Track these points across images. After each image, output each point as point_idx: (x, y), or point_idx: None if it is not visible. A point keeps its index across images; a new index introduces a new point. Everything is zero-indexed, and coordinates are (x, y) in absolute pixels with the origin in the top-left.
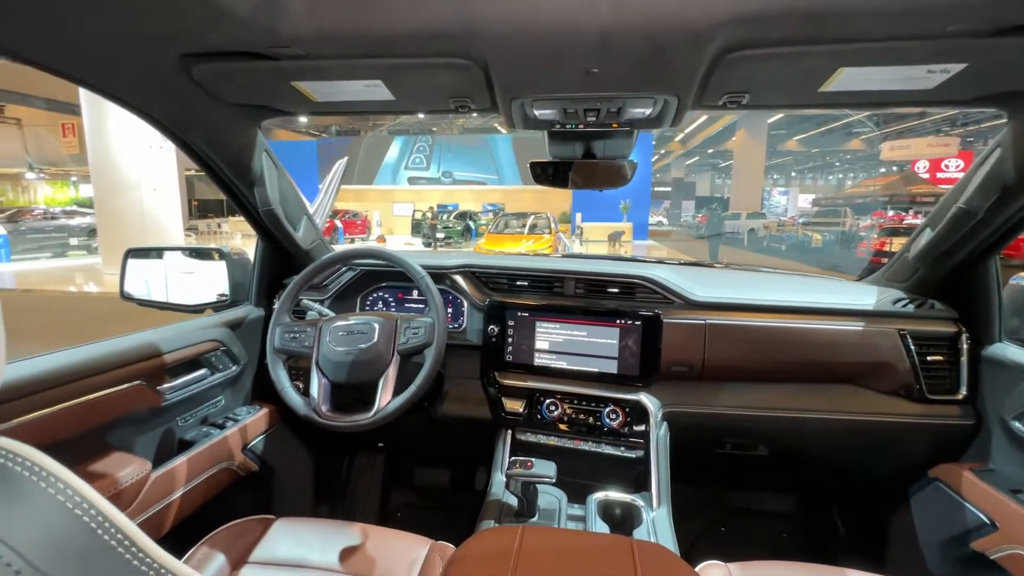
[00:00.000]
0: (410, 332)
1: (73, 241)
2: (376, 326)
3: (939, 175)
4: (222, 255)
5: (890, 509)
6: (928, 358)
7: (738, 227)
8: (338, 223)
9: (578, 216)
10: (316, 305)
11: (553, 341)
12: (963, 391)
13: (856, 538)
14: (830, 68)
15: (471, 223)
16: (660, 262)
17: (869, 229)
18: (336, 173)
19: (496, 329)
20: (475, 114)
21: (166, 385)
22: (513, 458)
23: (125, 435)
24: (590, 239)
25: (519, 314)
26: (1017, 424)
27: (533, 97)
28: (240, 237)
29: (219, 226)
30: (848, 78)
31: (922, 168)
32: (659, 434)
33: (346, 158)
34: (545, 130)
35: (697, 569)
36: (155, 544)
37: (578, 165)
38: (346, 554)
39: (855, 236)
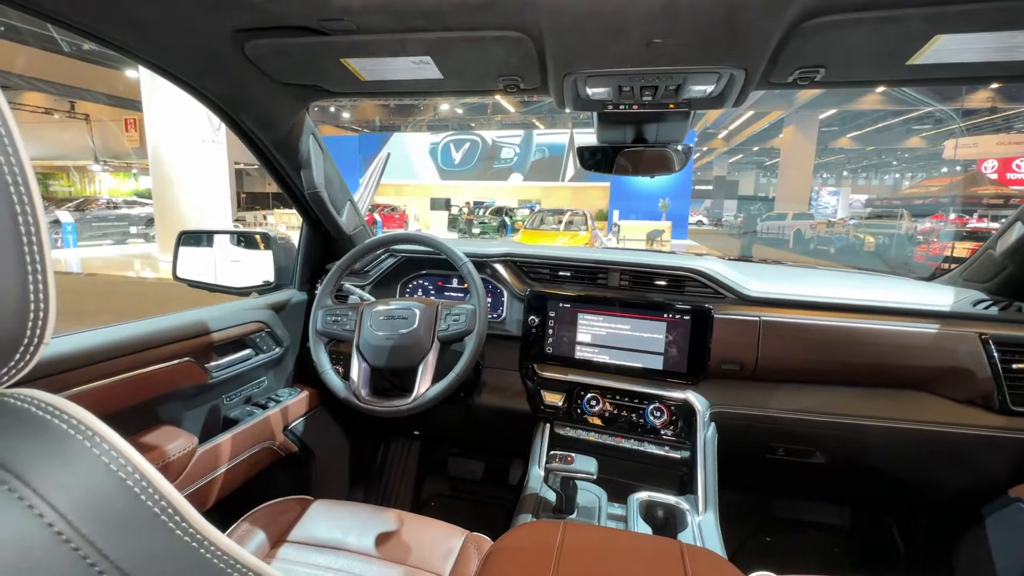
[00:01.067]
0: (451, 319)
1: (133, 230)
2: (417, 311)
3: (1009, 175)
4: (267, 239)
5: (960, 530)
6: (1013, 366)
7: (783, 228)
8: (377, 216)
9: (615, 213)
10: (358, 290)
11: (596, 334)
12: None
13: (918, 557)
14: (924, 35)
15: (507, 219)
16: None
17: (928, 232)
18: (377, 166)
19: (537, 320)
20: (524, 95)
21: (213, 363)
22: (552, 452)
23: (174, 409)
24: (628, 237)
25: (561, 305)
26: None
27: (588, 73)
28: (284, 228)
29: (264, 218)
30: (943, 47)
31: (990, 168)
32: (707, 435)
33: (388, 152)
34: (596, 111)
35: None
36: (199, 515)
37: (628, 150)
38: (382, 539)
39: (913, 239)
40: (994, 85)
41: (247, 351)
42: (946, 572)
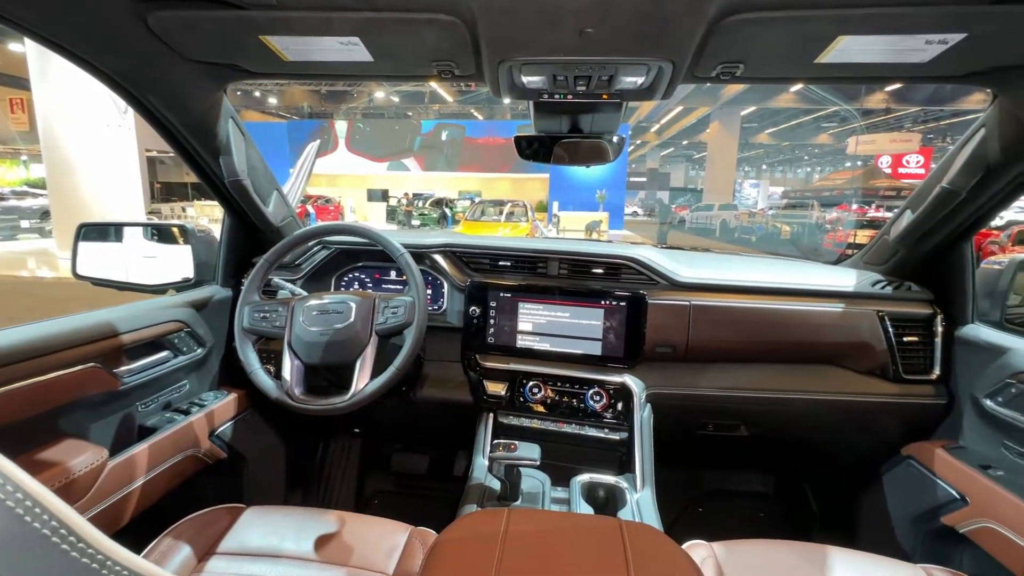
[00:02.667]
0: (389, 312)
1: (24, 223)
2: (353, 305)
3: (900, 170)
4: (186, 232)
5: (863, 487)
6: (904, 339)
7: (711, 218)
8: (310, 208)
9: (555, 205)
10: (288, 284)
11: (536, 322)
12: (937, 371)
13: (830, 515)
14: (829, 35)
15: (447, 210)
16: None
17: (835, 222)
18: (308, 156)
19: (478, 310)
20: (460, 82)
21: (124, 368)
22: (496, 441)
23: (78, 420)
24: (567, 228)
25: (501, 295)
26: (988, 402)
27: (522, 60)
28: (207, 221)
29: (184, 210)
30: (846, 48)
31: (885, 163)
32: (643, 416)
33: (318, 141)
34: (532, 100)
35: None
36: (101, 533)
37: (564, 140)
38: (321, 542)
39: (822, 228)
40: (888, 88)
41: (164, 353)
42: (852, 526)
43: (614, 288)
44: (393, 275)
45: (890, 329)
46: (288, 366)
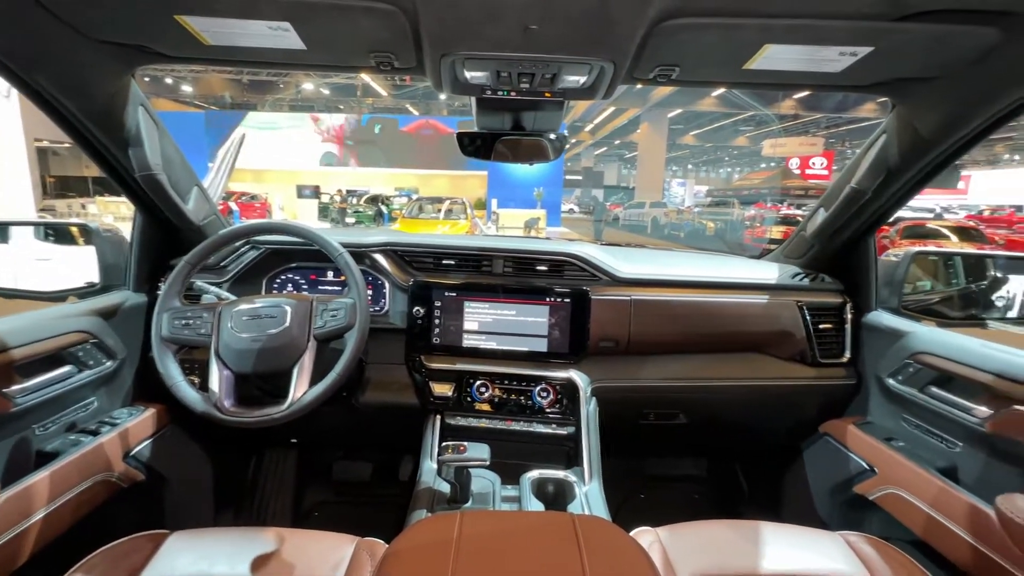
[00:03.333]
0: (328, 315)
1: None
2: (288, 309)
3: (807, 171)
4: (88, 232)
5: (786, 463)
6: (820, 326)
7: (642, 215)
8: (233, 205)
9: (494, 202)
10: (213, 288)
11: (482, 321)
12: (847, 355)
13: (758, 492)
14: (756, 43)
15: (383, 207)
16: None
17: (753, 219)
18: (231, 148)
19: (422, 311)
20: (399, 75)
21: (16, 387)
22: (445, 443)
23: None
24: (506, 225)
25: (446, 294)
26: (890, 381)
27: (465, 55)
28: (112, 220)
29: (83, 207)
30: (771, 56)
31: (794, 165)
32: (589, 410)
33: (244, 131)
34: (474, 96)
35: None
36: None
37: (506, 137)
38: (258, 563)
39: (742, 225)
40: (797, 96)
41: (66, 368)
42: (778, 500)
43: (558, 285)
44: (330, 276)
45: (808, 317)
46: (216, 376)
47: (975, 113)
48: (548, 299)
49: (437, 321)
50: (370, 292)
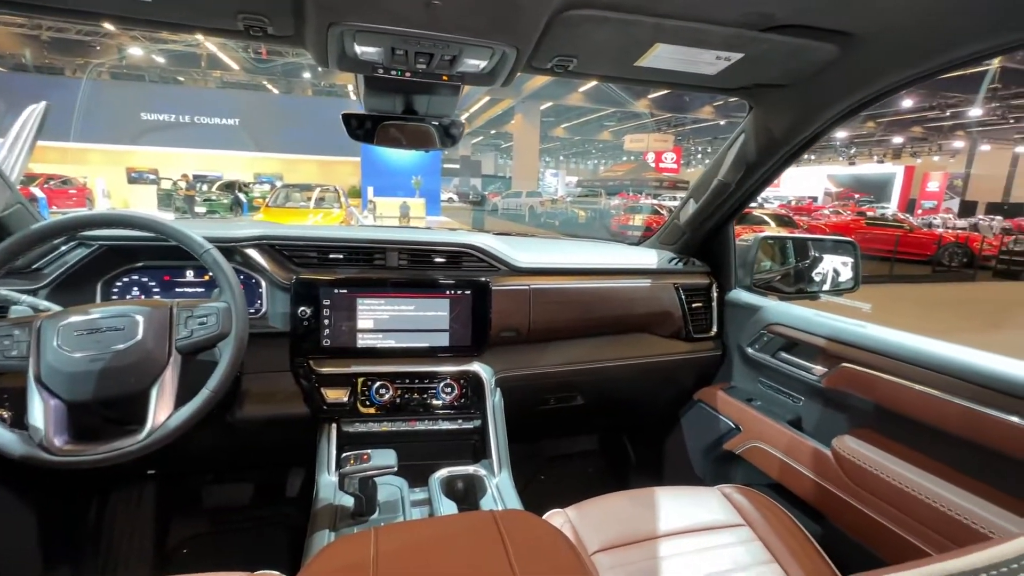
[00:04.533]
0: (195, 322)
1: None
2: (140, 318)
3: (661, 165)
4: None
5: (667, 430)
6: (693, 305)
7: (520, 204)
8: (37, 192)
9: (370, 190)
10: (26, 298)
11: (378, 319)
12: (715, 329)
13: (643, 458)
14: (648, 41)
15: (241, 195)
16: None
17: (617, 207)
18: (30, 122)
19: (308, 311)
20: (275, 43)
21: None
22: (346, 454)
23: None
24: (385, 215)
25: (336, 291)
26: (749, 350)
27: (358, 27)
28: None
29: None
30: (659, 55)
31: (651, 159)
32: (494, 401)
33: (44, 103)
34: (364, 74)
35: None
36: None
37: (398, 121)
38: None
39: (608, 213)
40: (651, 95)
41: None
42: (660, 465)
43: (457, 277)
44: (190, 276)
45: (683, 298)
46: (39, 409)
47: (815, 118)
48: (448, 292)
49: (327, 321)
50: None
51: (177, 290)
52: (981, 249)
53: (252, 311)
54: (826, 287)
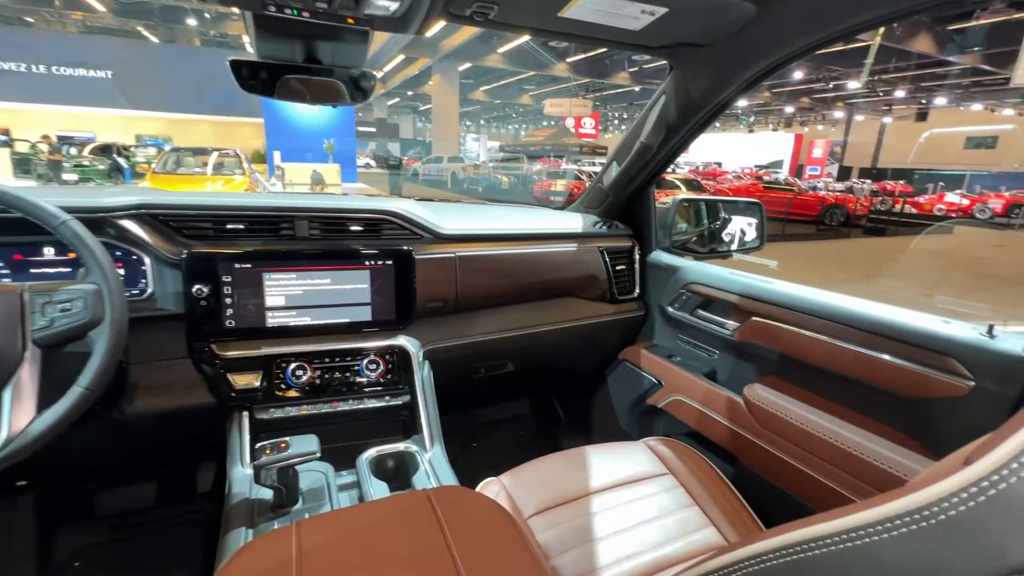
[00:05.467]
0: (55, 309)
1: None
2: None
3: (580, 130)
4: None
5: (594, 390)
6: (617, 267)
7: (441, 170)
8: None
9: (276, 155)
10: None
11: (290, 295)
12: (637, 290)
13: (573, 418)
14: None
15: (121, 160)
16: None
17: (539, 173)
18: None
19: (205, 289)
20: None
21: None
22: (260, 444)
23: None
24: (295, 182)
25: (237, 266)
26: (669, 308)
27: None
28: None
29: None
30: (584, 5)
31: (570, 124)
32: (423, 375)
33: None
34: (251, 11)
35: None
36: None
37: (300, 70)
38: None
39: (531, 179)
40: (569, 59)
41: None
42: (589, 423)
43: (377, 246)
44: (50, 254)
45: (608, 260)
46: None
47: (731, 79)
48: (368, 263)
49: (229, 300)
50: (122, 271)
51: (33, 272)
52: (855, 210)
53: (136, 292)
54: (734, 247)
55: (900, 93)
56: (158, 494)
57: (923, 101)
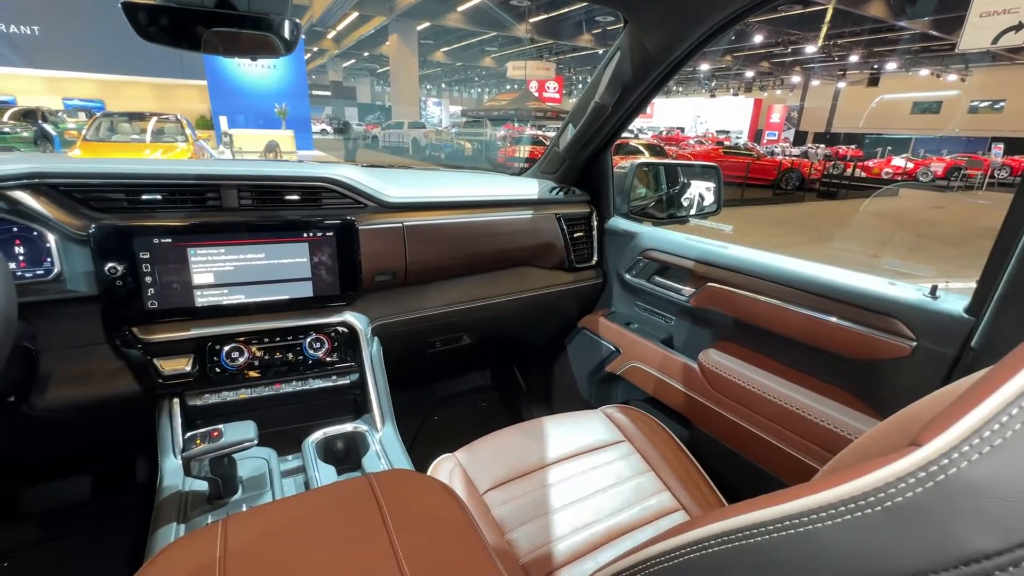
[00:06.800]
0: None
1: None
2: None
3: (544, 94)
4: None
5: (553, 358)
6: (574, 235)
7: (402, 136)
8: None
9: (223, 121)
10: None
11: (220, 271)
12: (595, 258)
13: (533, 387)
14: None
15: (48, 127)
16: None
17: (503, 139)
18: None
19: (120, 268)
20: None
21: None
22: (190, 433)
23: None
24: (245, 149)
25: (156, 241)
26: (627, 276)
27: None
28: None
29: None
30: None
31: (534, 88)
32: (372, 352)
33: None
34: None
35: (430, 469)
36: None
37: (210, 15)
38: None
39: (495, 145)
40: (532, 19)
41: None
42: (549, 392)
43: (316, 216)
44: None
45: (565, 228)
46: None
47: (687, 33)
48: (307, 235)
49: (149, 279)
50: (21, 250)
51: None
52: (810, 174)
53: (41, 272)
54: (692, 211)
55: (854, 58)
56: (92, 488)
57: (875, 66)
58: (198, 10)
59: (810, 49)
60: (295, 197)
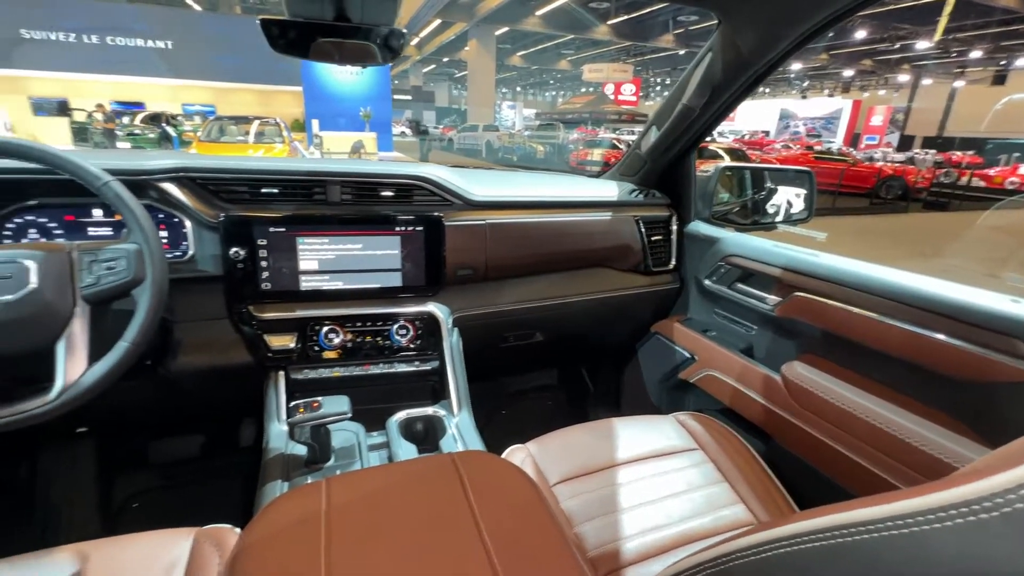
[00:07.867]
0: (101, 267)
1: None
2: (31, 264)
3: (620, 97)
4: None
5: (624, 362)
6: (653, 238)
7: (477, 139)
8: None
9: (315, 124)
10: None
11: (323, 259)
12: (673, 262)
13: (601, 390)
14: None
15: (170, 128)
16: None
17: (576, 142)
18: None
19: (242, 252)
20: None
21: None
22: (294, 402)
23: None
24: (332, 150)
25: (272, 230)
26: (707, 282)
27: None
28: None
29: None
30: None
31: (610, 91)
32: (452, 341)
33: None
34: None
35: (503, 456)
36: None
37: (330, 29)
38: None
39: (567, 148)
40: (610, 21)
41: None
42: (618, 396)
43: (407, 212)
44: (99, 215)
45: (643, 231)
46: None
47: (784, 34)
48: (398, 228)
49: (264, 263)
50: (165, 234)
51: (85, 232)
52: (916, 182)
53: (178, 254)
54: (779, 218)
55: (976, 54)
56: (204, 446)
57: (1002, 63)
58: (318, 23)
59: (922, 45)
60: (389, 193)
